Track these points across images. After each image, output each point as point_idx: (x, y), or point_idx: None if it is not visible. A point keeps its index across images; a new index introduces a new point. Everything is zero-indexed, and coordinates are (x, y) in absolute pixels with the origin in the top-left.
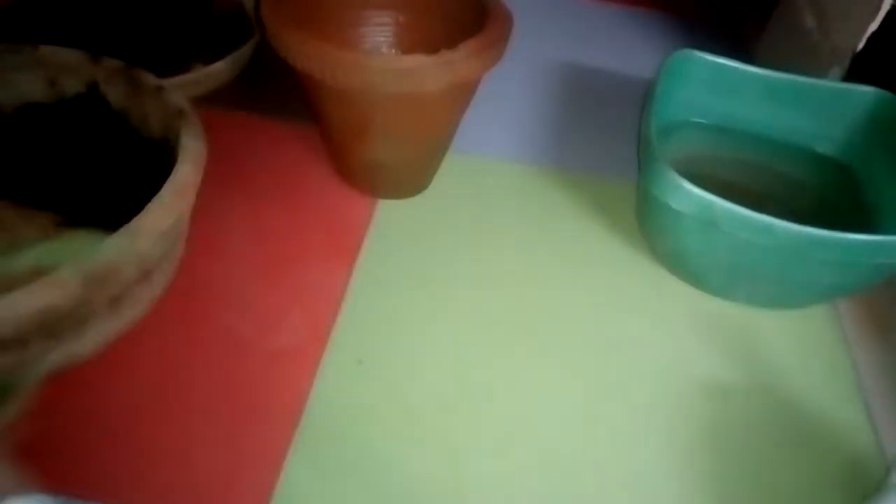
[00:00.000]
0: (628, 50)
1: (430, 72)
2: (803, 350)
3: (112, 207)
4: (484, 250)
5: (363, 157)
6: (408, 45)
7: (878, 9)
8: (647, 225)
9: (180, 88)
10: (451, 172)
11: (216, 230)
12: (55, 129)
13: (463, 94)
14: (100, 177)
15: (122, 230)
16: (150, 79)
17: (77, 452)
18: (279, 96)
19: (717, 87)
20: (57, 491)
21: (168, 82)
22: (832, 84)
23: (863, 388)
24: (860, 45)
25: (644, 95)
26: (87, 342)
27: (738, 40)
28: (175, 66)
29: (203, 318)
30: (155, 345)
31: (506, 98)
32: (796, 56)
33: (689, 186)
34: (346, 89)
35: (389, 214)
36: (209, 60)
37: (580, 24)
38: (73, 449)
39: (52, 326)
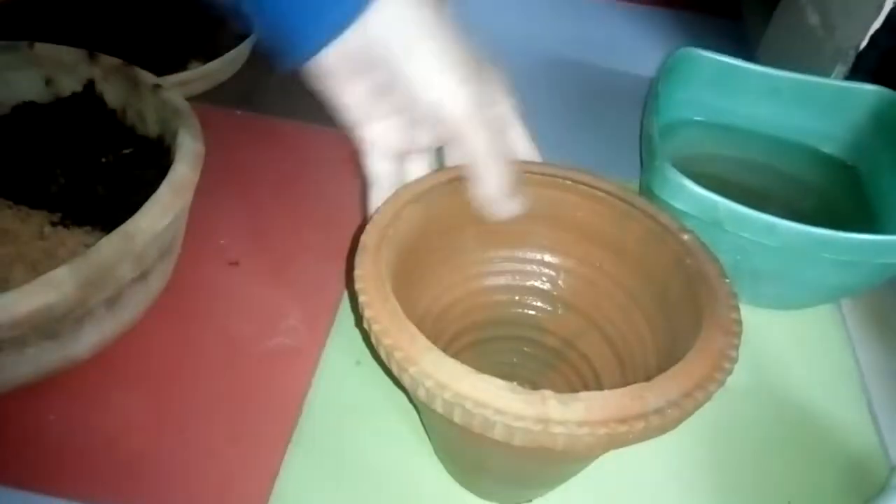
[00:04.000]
0: (630, 47)
1: (582, 438)
2: (807, 350)
3: (108, 207)
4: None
5: None
6: (571, 301)
7: (881, 6)
8: None
9: (178, 86)
10: None
11: (214, 229)
12: (51, 128)
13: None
14: (96, 176)
15: (119, 230)
16: (148, 77)
17: (72, 455)
18: (277, 94)
19: (719, 85)
20: (49, 494)
21: (165, 80)
22: (836, 83)
23: (867, 389)
24: (863, 44)
25: (646, 94)
26: (84, 343)
27: (741, 38)
28: (172, 63)
29: (201, 319)
30: (152, 345)
31: None
32: (800, 54)
33: (692, 185)
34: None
35: None
36: (207, 58)
37: (580, 22)
38: (67, 451)
39: (49, 327)
